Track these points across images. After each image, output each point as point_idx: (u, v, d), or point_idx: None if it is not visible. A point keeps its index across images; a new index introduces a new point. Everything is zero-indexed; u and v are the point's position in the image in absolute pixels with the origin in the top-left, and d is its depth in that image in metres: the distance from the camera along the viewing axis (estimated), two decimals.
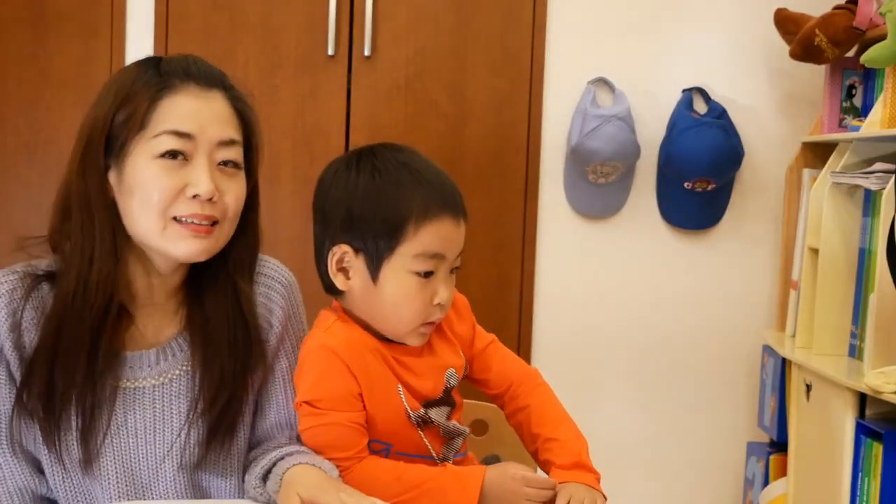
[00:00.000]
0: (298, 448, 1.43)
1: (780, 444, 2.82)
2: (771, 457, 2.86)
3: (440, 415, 1.49)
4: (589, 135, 2.89)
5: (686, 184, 2.97)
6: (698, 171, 2.93)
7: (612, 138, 2.89)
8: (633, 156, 2.97)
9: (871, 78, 2.77)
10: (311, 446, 1.43)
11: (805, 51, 2.73)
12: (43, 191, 2.90)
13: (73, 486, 1.43)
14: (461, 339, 1.55)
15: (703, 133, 2.90)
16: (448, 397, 1.50)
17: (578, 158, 2.95)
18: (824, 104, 2.86)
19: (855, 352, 2.50)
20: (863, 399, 2.31)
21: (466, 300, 1.59)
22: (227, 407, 1.43)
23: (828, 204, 2.56)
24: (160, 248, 1.39)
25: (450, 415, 1.51)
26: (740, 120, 2.99)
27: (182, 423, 1.43)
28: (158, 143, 1.36)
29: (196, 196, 1.36)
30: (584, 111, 2.94)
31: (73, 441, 1.40)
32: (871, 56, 2.41)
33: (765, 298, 3.09)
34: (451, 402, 1.51)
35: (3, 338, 1.37)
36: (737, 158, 2.97)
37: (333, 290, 1.48)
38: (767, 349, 2.90)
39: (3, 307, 1.38)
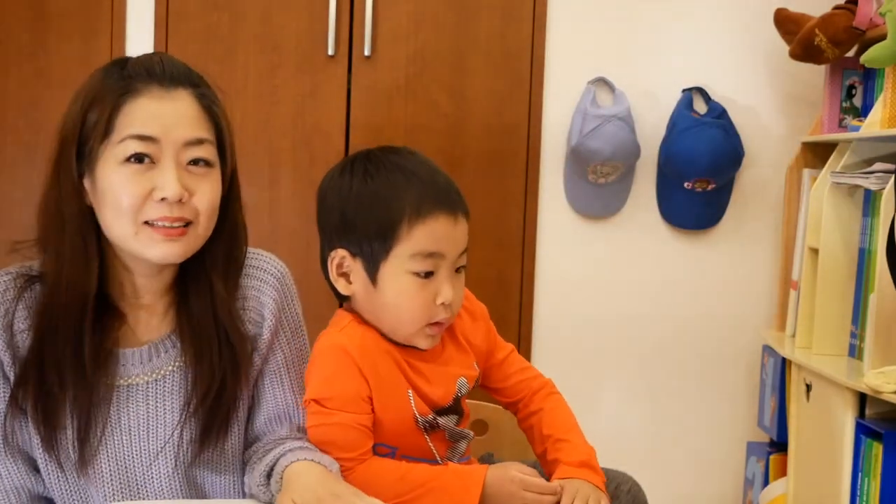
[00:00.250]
0: (300, 444, 1.43)
1: (780, 444, 2.82)
2: (771, 457, 2.86)
3: (448, 422, 1.49)
4: (589, 135, 2.89)
5: (686, 184, 2.96)
6: (698, 171, 2.93)
7: (612, 138, 2.89)
8: (633, 156, 2.97)
9: (871, 78, 2.77)
10: (316, 444, 1.43)
11: (805, 51, 2.73)
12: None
13: (69, 486, 1.43)
14: (476, 350, 1.54)
15: (703, 133, 2.89)
16: (457, 406, 1.50)
17: (578, 158, 2.94)
18: (824, 104, 2.86)
19: (855, 352, 2.50)
20: (863, 399, 2.31)
21: (485, 309, 1.58)
22: (220, 403, 1.43)
23: (828, 204, 2.56)
24: (135, 251, 1.38)
25: (457, 423, 1.51)
26: (740, 120, 2.99)
27: (176, 420, 1.43)
28: (123, 147, 1.35)
29: (164, 199, 1.35)
30: (584, 111, 2.93)
31: (69, 442, 1.40)
32: (871, 56, 2.41)
33: (765, 298, 3.09)
34: (460, 410, 1.51)
35: None
36: (737, 158, 2.97)
37: (340, 296, 1.49)
38: (767, 349, 2.90)
39: None
